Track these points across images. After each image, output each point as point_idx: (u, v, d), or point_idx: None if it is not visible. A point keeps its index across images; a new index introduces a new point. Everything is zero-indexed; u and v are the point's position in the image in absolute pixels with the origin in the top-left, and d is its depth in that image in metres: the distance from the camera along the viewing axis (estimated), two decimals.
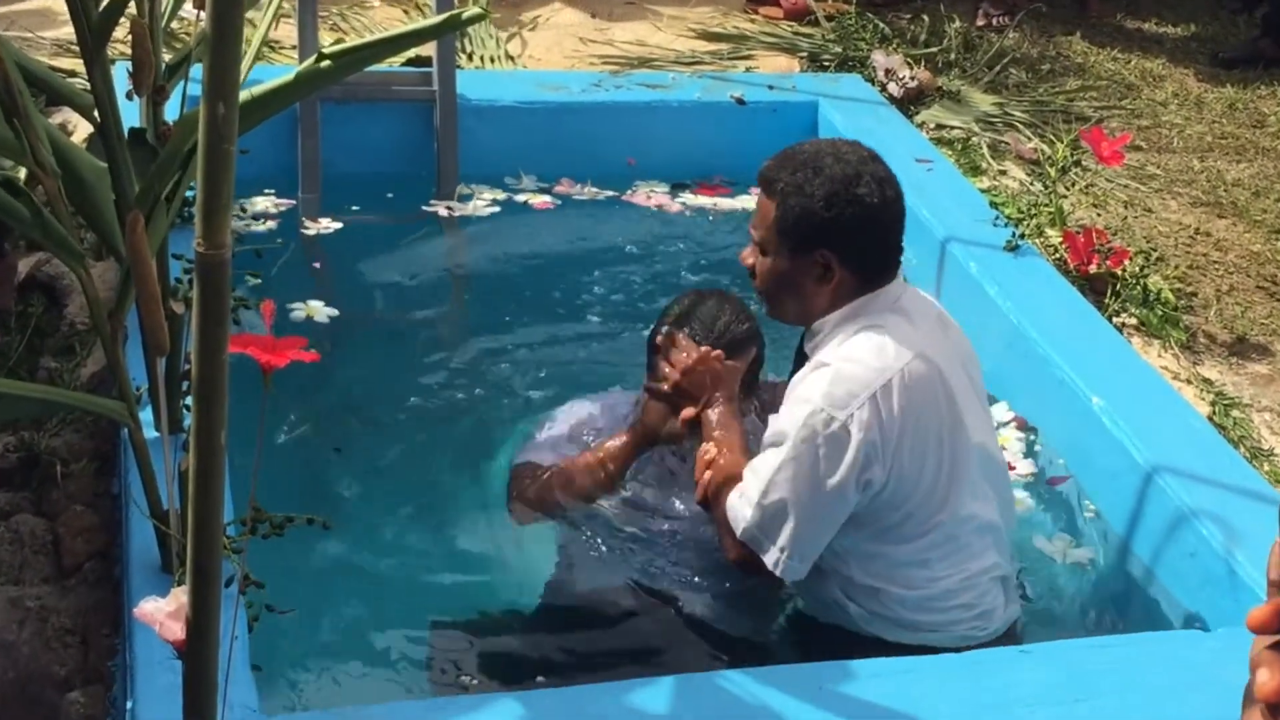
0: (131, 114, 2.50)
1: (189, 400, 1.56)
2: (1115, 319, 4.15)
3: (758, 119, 5.10)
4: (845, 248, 2.70)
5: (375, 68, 3.73)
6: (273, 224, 4.41)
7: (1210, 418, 3.74)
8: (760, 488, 2.67)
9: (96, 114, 2.42)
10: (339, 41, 5.21)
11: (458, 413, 3.71)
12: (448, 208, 4.61)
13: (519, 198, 4.76)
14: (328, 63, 2.32)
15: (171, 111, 2.57)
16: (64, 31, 5.15)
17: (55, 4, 5.41)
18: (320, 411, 3.67)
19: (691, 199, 4.86)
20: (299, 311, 3.90)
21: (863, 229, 2.71)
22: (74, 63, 4.81)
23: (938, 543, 2.75)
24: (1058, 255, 4.43)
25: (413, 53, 4.89)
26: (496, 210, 4.63)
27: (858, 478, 2.64)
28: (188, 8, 3.85)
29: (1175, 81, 6.32)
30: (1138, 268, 4.42)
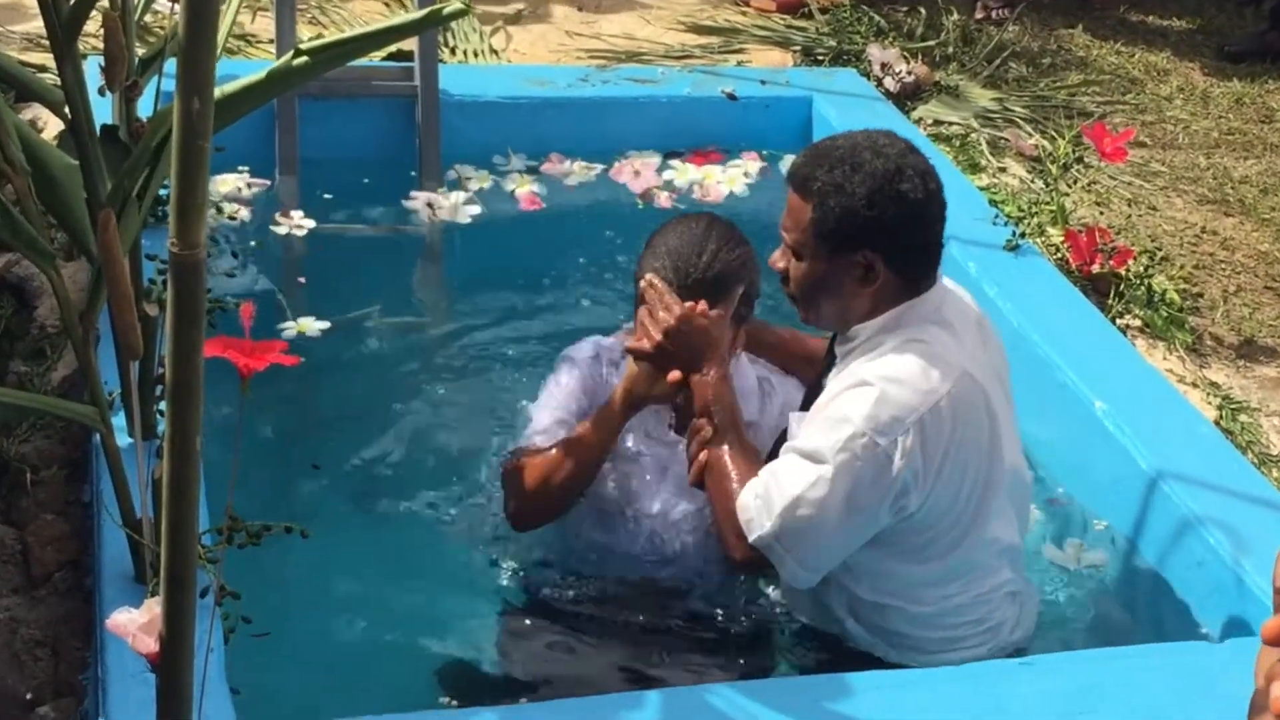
0: (103, 110, 2.49)
1: (163, 405, 1.56)
2: (1119, 321, 4.16)
3: (750, 115, 5.11)
4: (889, 247, 2.62)
5: (355, 62, 3.72)
6: (245, 213, 4.37)
7: (1217, 422, 3.75)
8: (786, 501, 2.61)
9: (67, 110, 2.42)
10: (318, 36, 5.22)
11: (442, 422, 3.70)
12: (429, 204, 4.58)
13: (506, 186, 4.75)
14: (306, 58, 2.32)
15: (145, 108, 2.57)
16: (34, 25, 5.15)
17: None
18: (301, 419, 3.66)
19: (681, 185, 4.84)
20: (290, 331, 3.89)
21: (907, 226, 2.63)
22: (44, 57, 4.81)
23: (956, 565, 2.74)
24: (1059, 255, 4.43)
25: (394, 47, 4.89)
26: (479, 211, 4.62)
27: (893, 503, 2.60)
28: (162, 1, 3.87)
29: (1180, 75, 6.34)
30: (1142, 268, 4.43)
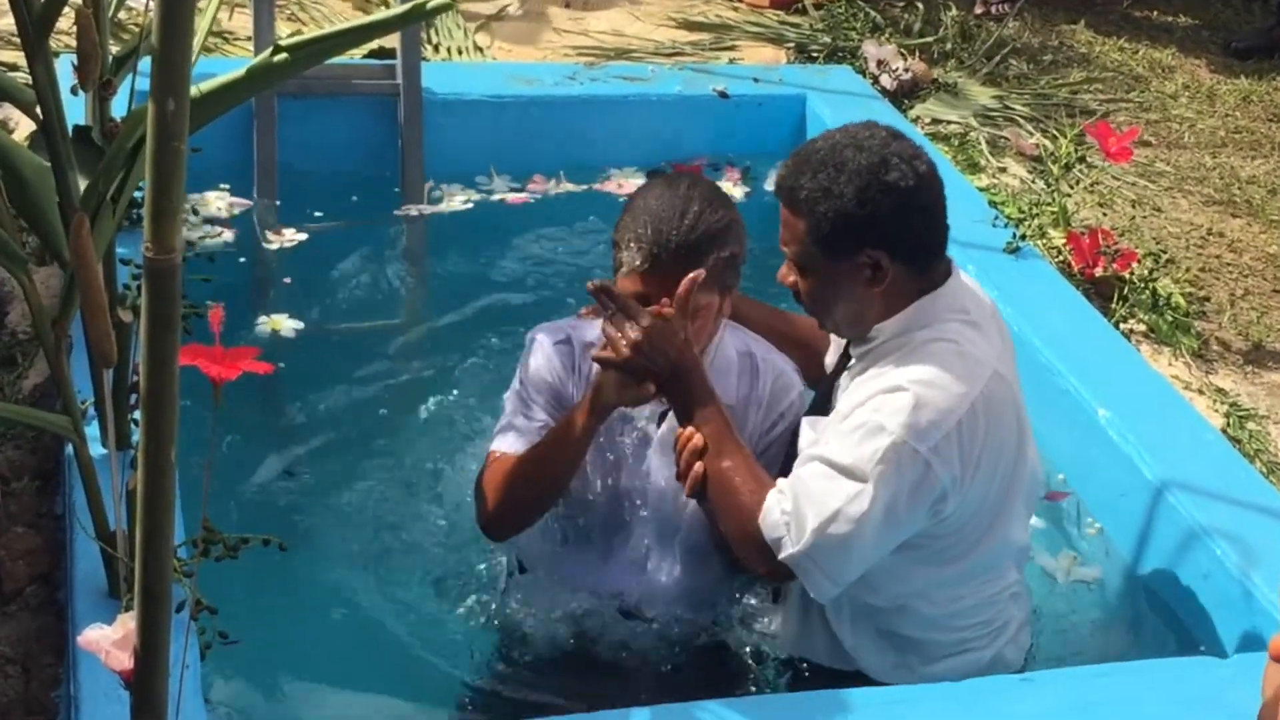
0: (76, 110, 2.50)
1: (137, 414, 1.56)
2: (1123, 325, 4.17)
3: (742, 113, 5.12)
4: (891, 241, 2.61)
5: (336, 60, 3.72)
6: (229, 234, 4.37)
7: (1224, 430, 3.76)
8: (822, 518, 2.56)
9: (39, 110, 2.42)
10: (297, 33, 5.21)
11: (419, 427, 3.70)
12: (417, 209, 4.60)
13: (493, 197, 4.76)
14: (285, 56, 2.32)
15: (119, 107, 2.57)
16: (4, 22, 5.14)
17: None
18: (277, 428, 3.66)
19: None
20: (263, 326, 3.89)
21: (904, 216, 2.62)
22: (14, 55, 4.80)
23: (973, 565, 2.74)
24: (1061, 257, 4.44)
25: (375, 44, 4.89)
26: (469, 207, 4.63)
27: (931, 508, 2.59)
28: None
29: (1186, 72, 6.36)
30: (1146, 270, 4.43)
